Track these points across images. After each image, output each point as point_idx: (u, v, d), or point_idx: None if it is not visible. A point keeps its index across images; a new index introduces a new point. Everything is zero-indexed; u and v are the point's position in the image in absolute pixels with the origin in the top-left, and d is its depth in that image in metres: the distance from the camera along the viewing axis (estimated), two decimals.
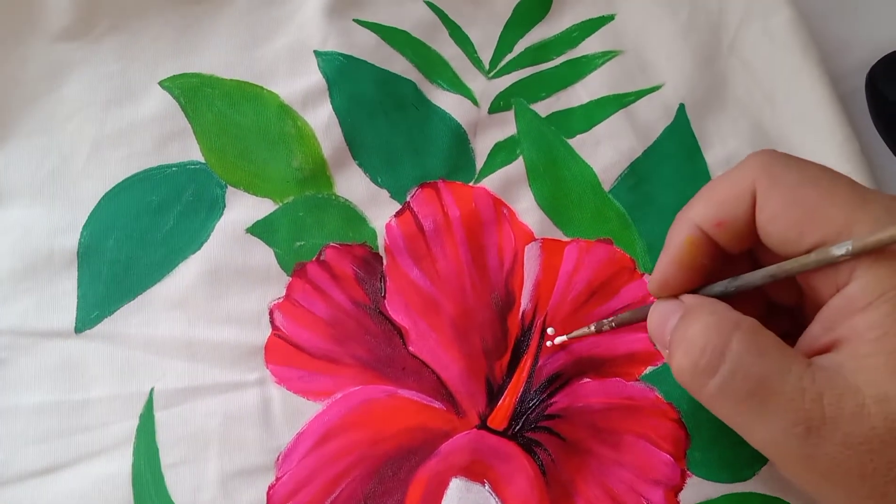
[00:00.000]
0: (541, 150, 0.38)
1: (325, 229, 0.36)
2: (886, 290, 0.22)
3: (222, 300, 0.34)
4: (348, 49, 0.38)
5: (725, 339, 0.23)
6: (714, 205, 0.26)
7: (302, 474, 0.32)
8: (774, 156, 0.25)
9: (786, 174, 0.24)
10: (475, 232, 0.36)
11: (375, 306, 0.34)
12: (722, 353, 0.23)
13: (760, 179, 0.25)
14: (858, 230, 0.22)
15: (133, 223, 0.35)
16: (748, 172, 0.25)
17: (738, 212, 0.25)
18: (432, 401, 0.33)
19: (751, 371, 0.23)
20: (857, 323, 0.22)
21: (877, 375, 0.21)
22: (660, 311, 0.27)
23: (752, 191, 0.25)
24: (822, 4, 0.43)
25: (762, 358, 0.23)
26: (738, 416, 0.23)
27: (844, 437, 0.21)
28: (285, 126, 0.37)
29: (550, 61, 0.41)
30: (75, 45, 0.38)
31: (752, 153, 0.26)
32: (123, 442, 0.32)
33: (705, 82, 0.40)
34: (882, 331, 0.22)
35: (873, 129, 0.41)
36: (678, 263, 0.26)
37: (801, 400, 0.22)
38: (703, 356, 0.23)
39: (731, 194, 0.25)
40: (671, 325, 0.25)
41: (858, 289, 0.22)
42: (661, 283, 0.27)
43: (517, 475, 0.32)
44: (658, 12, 0.42)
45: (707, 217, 0.26)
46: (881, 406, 0.21)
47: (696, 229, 0.26)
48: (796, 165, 0.25)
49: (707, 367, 0.23)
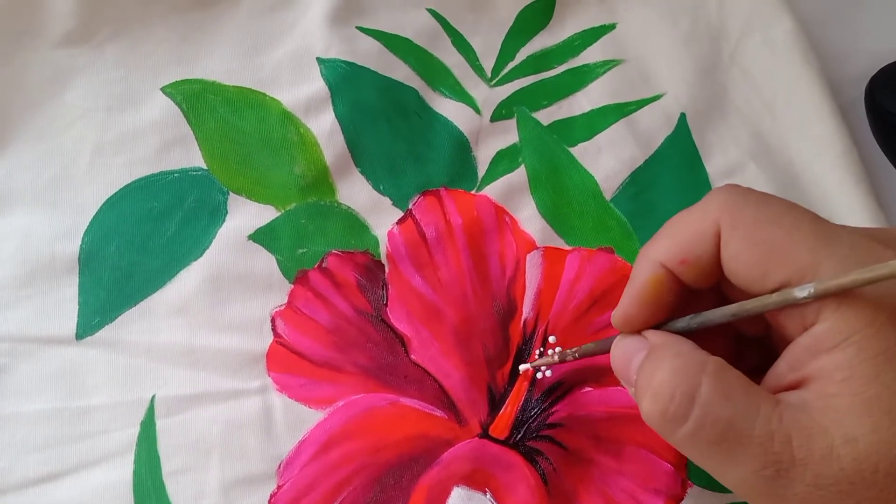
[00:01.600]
0: (543, 159, 0.38)
1: (327, 236, 0.36)
2: (852, 333, 0.22)
3: (224, 307, 0.34)
4: (351, 56, 0.38)
5: (693, 385, 0.23)
6: (678, 243, 0.25)
7: (303, 482, 0.31)
8: (738, 192, 0.25)
9: (748, 212, 0.24)
10: (477, 240, 0.36)
11: (377, 314, 0.34)
12: (691, 399, 0.23)
13: (724, 217, 0.24)
14: (823, 270, 0.22)
15: (135, 229, 0.35)
16: (711, 210, 0.25)
17: (701, 250, 0.25)
18: (434, 409, 0.33)
19: (720, 416, 0.22)
20: (824, 363, 0.22)
21: (844, 416, 0.22)
22: (623, 348, 0.26)
23: (715, 228, 0.24)
24: (823, 16, 0.44)
25: (730, 401, 0.22)
26: (709, 459, 0.23)
27: (815, 479, 0.22)
28: (288, 133, 0.37)
29: (552, 70, 0.41)
30: (78, 50, 0.38)
31: (716, 188, 0.26)
32: (124, 450, 0.32)
33: (706, 92, 0.40)
34: (848, 372, 0.22)
35: (872, 140, 0.42)
36: (641, 300, 0.26)
37: (771, 443, 0.22)
38: (672, 403, 0.23)
39: (695, 232, 0.25)
40: (636, 363, 0.25)
41: (825, 330, 0.22)
42: (625, 319, 0.27)
43: (519, 484, 0.32)
44: (659, 22, 0.42)
45: (671, 255, 0.25)
46: (849, 447, 0.21)
47: (659, 267, 0.26)
48: (759, 203, 0.24)
49: (676, 414, 0.23)
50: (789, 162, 0.39)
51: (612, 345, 0.27)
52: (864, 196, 0.38)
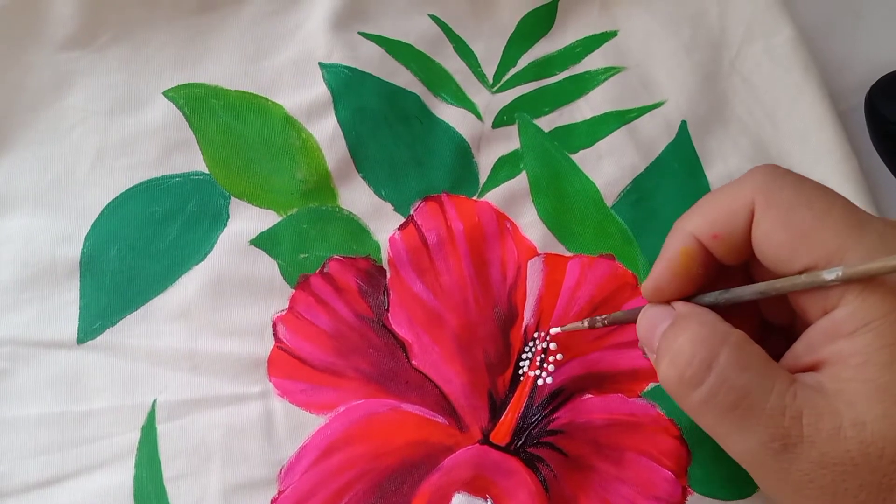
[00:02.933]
0: (544, 165, 0.38)
1: (328, 242, 0.36)
2: (872, 320, 0.22)
3: (225, 312, 0.34)
4: (353, 62, 0.39)
5: (713, 353, 0.24)
6: (711, 217, 0.26)
7: (304, 488, 0.32)
8: (775, 173, 0.25)
9: (783, 194, 0.25)
10: (478, 246, 0.36)
11: (379, 319, 0.34)
12: (709, 365, 0.23)
13: (758, 197, 0.25)
14: (850, 257, 0.23)
15: (136, 233, 0.35)
16: (747, 188, 0.25)
17: (734, 226, 0.25)
18: (435, 415, 0.33)
19: (735, 385, 0.23)
20: (841, 347, 0.23)
21: (856, 400, 0.22)
22: (650, 316, 0.27)
23: (749, 207, 0.25)
24: (823, 24, 0.44)
25: (747, 372, 0.23)
26: (719, 426, 0.24)
27: (819, 457, 0.22)
28: (289, 138, 0.37)
29: (553, 76, 0.41)
30: (80, 54, 0.38)
31: (754, 168, 0.26)
32: (125, 454, 0.32)
33: (707, 100, 0.41)
34: (864, 358, 0.22)
35: (872, 148, 0.42)
36: (672, 271, 0.27)
37: (782, 417, 0.23)
38: (690, 367, 0.24)
39: (729, 208, 0.26)
40: (660, 330, 0.26)
41: (845, 315, 0.23)
42: (654, 289, 0.27)
43: (519, 491, 0.32)
44: (660, 30, 0.42)
45: (704, 229, 0.26)
46: (857, 430, 0.22)
47: (692, 240, 0.26)
48: (794, 185, 0.25)
49: (692, 378, 0.24)
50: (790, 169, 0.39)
51: (640, 312, 0.28)
52: (863, 204, 0.38)
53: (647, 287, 0.28)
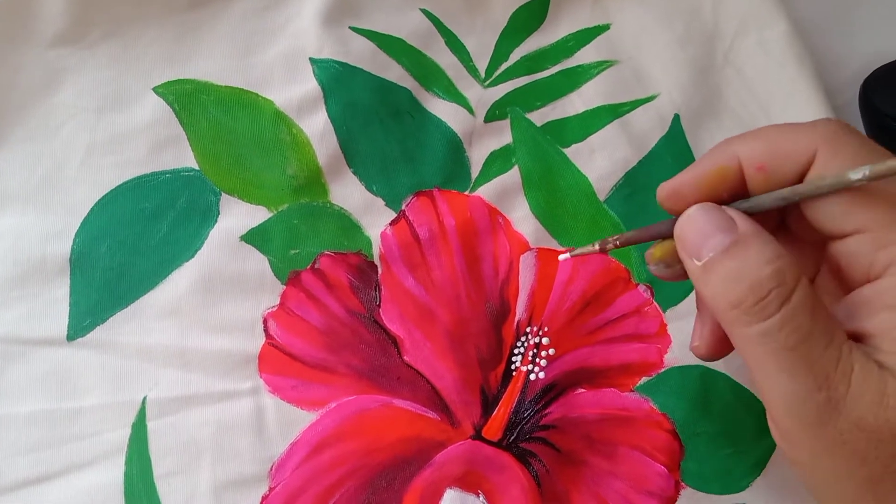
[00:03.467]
0: (536, 160, 0.38)
1: (319, 237, 0.36)
2: None
3: (216, 308, 0.34)
4: (344, 56, 0.38)
5: (789, 289, 0.23)
6: (766, 149, 0.25)
7: (296, 484, 0.31)
8: (845, 128, 0.25)
9: (850, 149, 0.24)
10: (470, 241, 0.36)
11: (370, 315, 0.34)
12: (782, 301, 0.23)
13: (824, 146, 0.24)
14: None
15: (126, 230, 0.35)
16: (814, 136, 0.24)
17: (787, 165, 0.24)
18: (427, 411, 0.33)
19: (801, 325, 0.22)
20: (885, 319, 0.23)
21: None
22: (705, 220, 0.25)
23: (810, 152, 0.24)
24: (817, 17, 0.44)
25: (812, 318, 0.22)
26: (770, 362, 0.23)
27: (859, 419, 0.22)
28: (280, 133, 0.37)
29: (546, 70, 0.41)
30: (69, 51, 0.38)
31: (821, 119, 0.25)
32: (116, 451, 0.31)
33: (700, 93, 0.40)
34: None
35: None
36: (699, 183, 0.26)
37: (834, 369, 0.22)
38: (765, 299, 0.23)
39: (787, 146, 0.24)
40: (717, 243, 0.24)
41: (889, 286, 0.23)
42: (672, 192, 0.26)
43: (512, 486, 0.32)
44: (653, 23, 0.42)
45: (753, 156, 0.25)
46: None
47: (735, 160, 0.25)
48: (861, 143, 0.24)
49: (762, 309, 0.23)
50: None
51: (688, 212, 0.25)
52: None
53: (665, 187, 0.27)
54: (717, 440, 0.33)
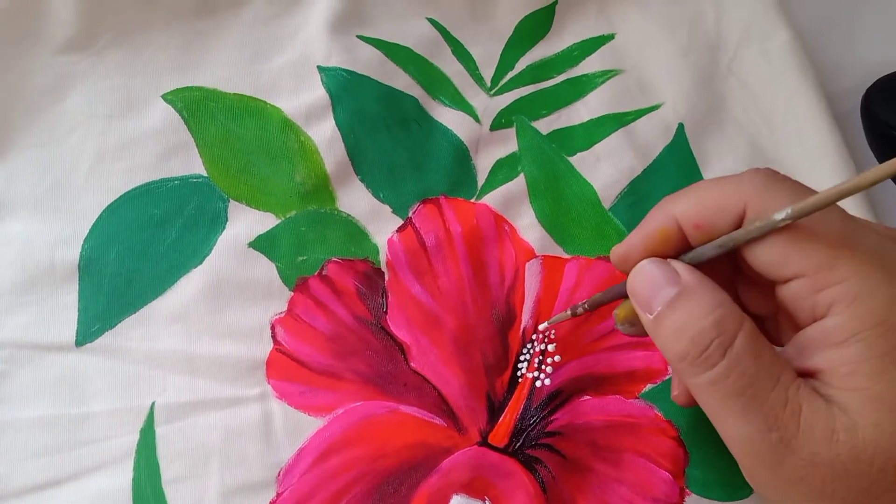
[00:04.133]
0: (542, 168, 0.38)
1: (327, 244, 0.36)
2: (861, 330, 0.23)
3: (224, 314, 0.34)
4: (351, 65, 0.39)
5: (730, 338, 0.24)
6: (699, 207, 0.26)
7: (303, 490, 0.32)
8: (774, 177, 0.25)
9: (780, 199, 0.24)
10: (476, 248, 0.36)
11: (377, 322, 0.35)
12: (724, 350, 0.24)
13: (753, 199, 0.25)
14: (843, 266, 0.23)
15: (135, 236, 0.35)
16: (743, 187, 0.25)
17: (720, 221, 0.25)
18: (433, 417, 0.33)
19: (746, 372, 0.23)
20: (832, 356, 0.23)
21: (848, 407, 0.23)
22: (650, 273, 0.26)
23: (741, 206, 0.25)
24: (819, 27, 0.44)
25: (756, 361, 0.23)
26: (722, 408, 0.24)
27: (811, 456, 0.23)
28: (288, 140, 0.37)
29: (551, 79, 0.41)
30: (78, 57, 0.38)
31: (752, 169, 0.26)
32: (124, 457, 0.32)
33: (704, 102, 0.41)
34: (854, 367, 0.23)
35: (868, 151, 0.42)
36: (645, 245, 0.27)
37: (783, 409, 0.23)
38: (707, 350, 0.24)
39: (719, 202, 0.25)
40: (665, 296, 0.25)
41: (835, 324, 0.23)
42: (623, 257, 0.27)
43: (518, 492, 0.32)
44: (657, 33, 0.42)
45: (688, 215, 0.26)
46: (849, 436, 0.22)
47: (673, 221, 0.26)
48: (791, 191, 0.25)
49: (707, 360, 0.24)
50: (786, 172, 0.39)
51: (636, 267, 0.27)
52: (859, 206, 0.38)
53: (616, 252, 0.28)
54: (721, 447, 0.33)
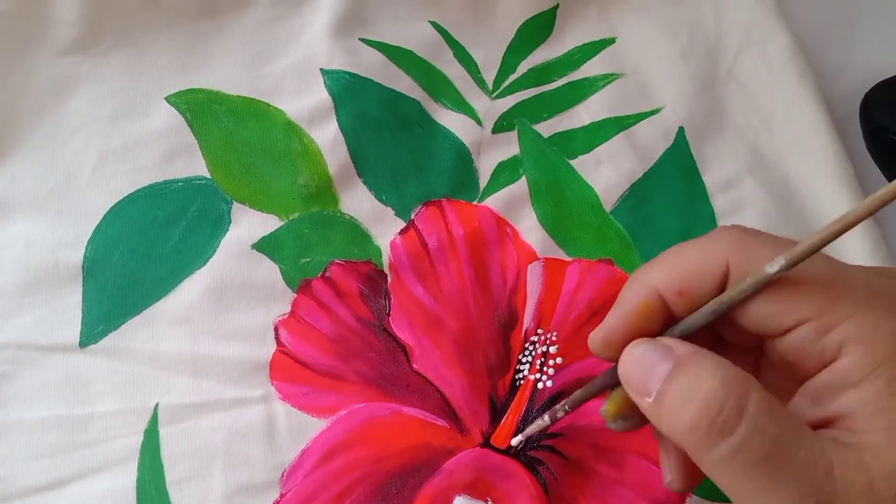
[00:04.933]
0: (543, 171, 0.39)
1: (330, 246, 0.36)
2: (880, 364, 0.21)
3: (227, 316, 0.34)
4: (354, 67, 0.39)
5: (743, 398, 0.21)
6: (679, 273, 0.24)
7: (306, 491, 0.32)
8: (747, 232, 0.25)
9: (761, 251, 0.23)
10: (479, 250, 0.36)
11: (380, 323, 0.35)
12: (740, 412, 0.21)
13: (734, 256, 0.24)
14: (841, 308, 0.22)
15: (138, 238, 0.35)
16: (720, 246, 0.24)
17: (703, 284, 0.24)
18: (436, 418, 0.33)
19: (767, 434, 0.21)
20: (851, 398, 0.22)
21: (882, 451, 0.21)
22: (641, 355, 0.24)
23: (722, 266, 0.24)
24: (819, 32, 0.44)
25: (776, 421, 0.21)
26: (748, 481, 0.21)
27: None
28: (291, 143, 0.37)
29: (552, 83, 0.41)
30: (82, 58, 0.38)
31: (721, 227, 0.25)
32: (128, 457, 0.32)
33: (704, 106, 0.41)
34: (879, 405, 0.21)
35: (867, 155, 0.42)
36: (627, 325, 0.25)
37: (814, 470, 0.21)
38: (721, 415, 0.21)
39: (699, 266, 0.24)
40: (661, 371, 0.23)
41: (850, 364, 0.22)
42: (605, 341, 0.25)
43: (520, 493, 0.32)
44: (658, 36, 0.43)
45: (669, 284, 0.24)
46: (890, 483, 0.21)
47: (654, 293, 0.25)
48: (770, 242, 0.24)
49: (723, 426, 0.21)
50: (786, 176, 0.40)
51: (625, 351, 0.25)
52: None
53: (596, 338, 0.26)
54: None
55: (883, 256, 0.37)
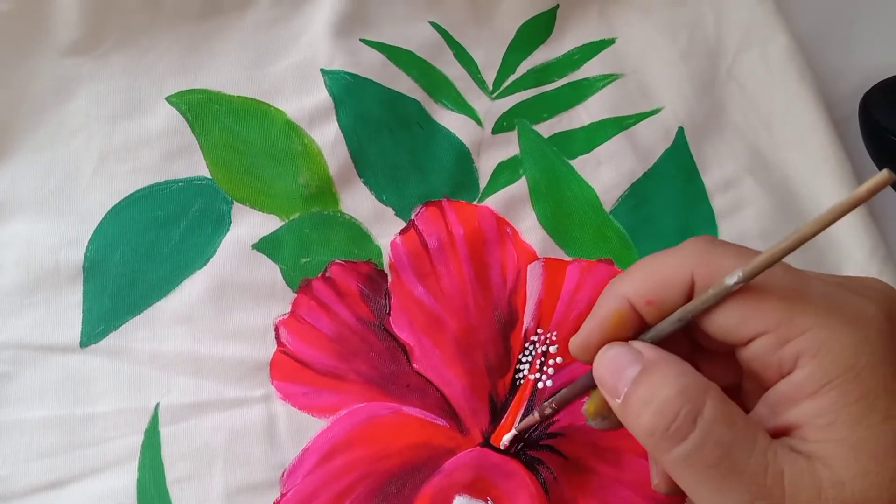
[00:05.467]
0: (543, 171, 0.39)
1: (330, 246, 0.36)
2: (833, 378, 0.22)
3: (228, 316, 0.34)
4: (354, 68, 0.39)
5: (698, 406, 0.23)
6: (647, 284, 0.26)
7: (307, 490, 0.32)
8: (713, 243, 0.25)
9: (724, 263, 0.24)
10: (479, 250, 0.36)
11: (380, 323, 0.35)
12: (694, 419, 0.23)
13: (698, 268, 0.25)
14: (800, 321, 0.23)
15: (139, 238, 0.35)
16: (686, 259, 0.25)
17: (669, 295, 0.25)
18: (436, 418, 0.33)
19: (720, 440, 0.22)
20: (806, 409, 0.23)
21: (831, 461, 0.22)
22: (612, 357, 0.26)
23: (687, 277, 0.25)
24: (818, 32, 0.44)
25: (730, 428, 0.22)
26: (700, 484, 0.23)
27: None
28: (292, 143, 0.37)
29: (552, 83, 0.41)
30: (83, 59, 0.38)
31: (690, 238, 0.26)
32: (128, 457, 0.32)
33: (704, 106, 0.41)
34: (832, 417, 0.22)
35: (866, 155, 0.42)
36: (602, 330, 0.26)
37: (764, 476, 0.22)
38: (675, 421, 0.23)
39: (667, 277, 0.25)
40: (628, 375, 0.24)
41: (805, 376, 0.23)
42: (583, 347, 0.27)
43: (520, 493, 0.32)
44: (658, 37, 0.43)
45: (638, 294, 0.26)
46: (837, 491, 0.21)
47: (625, 302, 0.26)
48: (734, 254, 0.25)
49: (677, 432, 0.23)
50: (785, 176, 0.40)
51: (599, 354, 0.26)
52: (857, 211, 0.38)
53: (575, 343, 0.27)
54: None
55: (882, 257, 0.37)
